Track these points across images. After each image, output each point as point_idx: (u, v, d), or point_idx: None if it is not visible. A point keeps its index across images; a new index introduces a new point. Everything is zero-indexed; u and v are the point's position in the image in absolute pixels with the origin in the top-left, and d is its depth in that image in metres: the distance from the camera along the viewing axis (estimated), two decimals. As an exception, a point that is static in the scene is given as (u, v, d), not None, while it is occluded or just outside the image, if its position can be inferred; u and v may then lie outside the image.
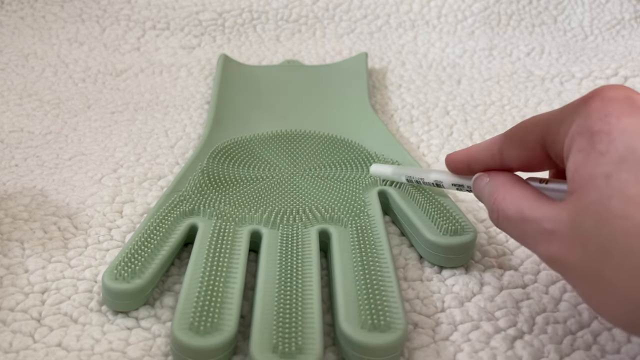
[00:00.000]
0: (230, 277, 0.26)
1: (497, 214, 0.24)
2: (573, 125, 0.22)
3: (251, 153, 0.38)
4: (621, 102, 0.21)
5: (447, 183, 0.29)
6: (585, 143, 0.21)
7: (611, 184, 0.19)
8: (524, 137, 0.24)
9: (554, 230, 0.21)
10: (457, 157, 0.28)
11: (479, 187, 0.26)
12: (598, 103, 0.21)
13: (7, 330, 0.25)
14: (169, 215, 0.30)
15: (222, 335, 0.23)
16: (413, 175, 0.31)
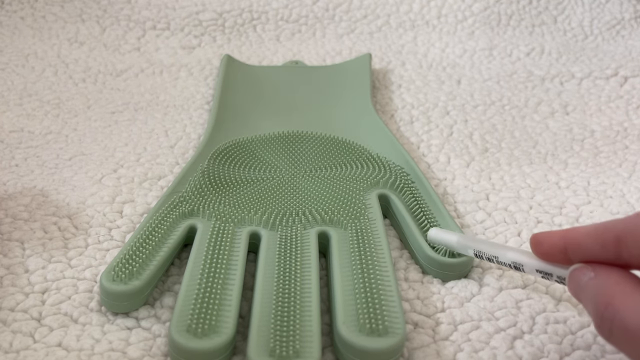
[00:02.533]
0: (229, 279, 0.26)
1: (610, 323, 0.19)
2: None
3: (252, 154, 0.38)
4: None
5: (530, 268, 0.24)
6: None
7: None
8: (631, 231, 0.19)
9: None
10: (549, 238, 0.23)
11: (579, 282, 0.21)
12: None
13: (7, 330, 0.25)
14: (168, 216, 0.30)
15: (219, 338, 0.23)
16: (484, 251, 0.26)
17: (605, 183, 0.38)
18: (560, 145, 0.43)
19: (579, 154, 0.42)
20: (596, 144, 0.43)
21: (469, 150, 0.42)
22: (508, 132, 0.44)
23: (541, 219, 0.34)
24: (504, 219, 0.34)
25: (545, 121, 0.46)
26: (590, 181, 0.38)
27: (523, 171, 0.39)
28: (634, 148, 0.42)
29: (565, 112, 0.48)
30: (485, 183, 0.38)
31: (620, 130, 0.45)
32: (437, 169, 0.39)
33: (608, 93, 0.51)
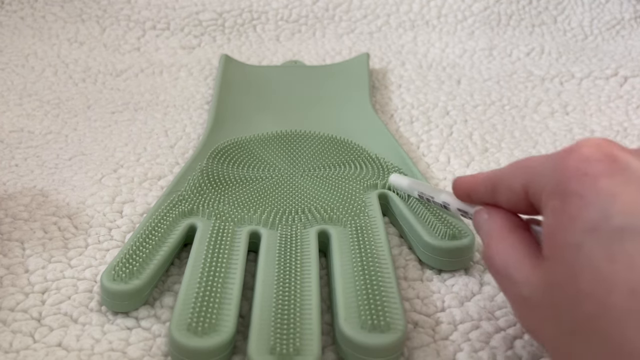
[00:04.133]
0: (229, 278, 0.26)
1: (486, 261, 0.22)
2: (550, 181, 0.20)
3: (251, 153, 0.38)
4: (600, 161, 0.18)
5: (454, 207, 0.27)
6: (558, 204, 0.19)
7: (581, 258, 0.17)
8: (511, 180, 0.22)
9: (529, 298, 0.19)
10: (460, 183, 0.26)
11: (478, 222, 0.24)
12: (575, 160, 0.19)
13: (7, 330, 0.25)
14: (167, 216, 0.30)
15: (219, 336, 0.23)
16: (425, 192, 0.30)
17: (605, 183, 0.38)
18: (560, 145, 0.43)
19: (579, 154, 0.42)
20: (596, 144, 0.43)
21: (468, 150, 0.42)
22: (508, 132, 0.44)
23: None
24: (504, 218, 0.34)
25: (545, 121, 0.46)
26: (590, 181, 0.38)
27: (523, 171, 0.39)
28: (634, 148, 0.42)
29: (565, 112, 0.48)
30: (485, 183, 0.38)
31: (620, 130, 0.45)
32: (437, 168, 0.39)
33: (608, 93, 0.51)
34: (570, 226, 0.18)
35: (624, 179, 0.18)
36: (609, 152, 0.19)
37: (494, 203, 0.24)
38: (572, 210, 0.18)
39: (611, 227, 0.17)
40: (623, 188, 0.17)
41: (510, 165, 0.23)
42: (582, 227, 0.17)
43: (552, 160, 0.20)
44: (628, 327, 0.16)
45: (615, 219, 0.17)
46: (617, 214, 0.17)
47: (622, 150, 0.19)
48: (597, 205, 0.17)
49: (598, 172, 0.18)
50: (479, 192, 0.25)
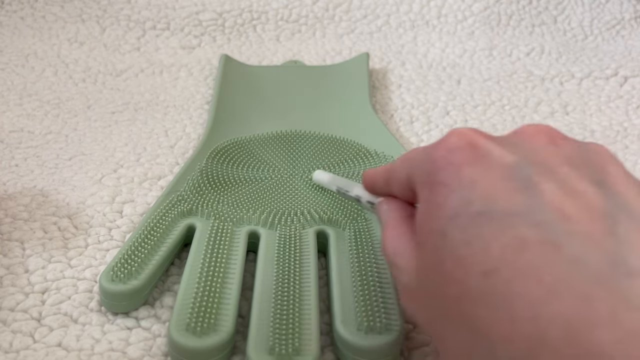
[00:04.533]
0: (228, 278, 0.26)
1: (382, 249, 0.23)
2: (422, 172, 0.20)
3: (250, 154, 0.38)
4: (463, 150, 0.19)
5: (364, 200, 0.27)
6: (427, 193, 0.20)
7: (445, 244, 0.18)
8: (399, 172, 0.23)
9: (408, 284, 0.20)
10: (366, 175, 0.26)
11: (379, 213, 0.25)
12: (442, 150, 0.20)
13: (7, 330, 0.25)
14: (166, 216, 0.30)
15: (218, 336, 0.23)
16: (342, 187, 0.30)
17: (605, 183, 0.38)
18: (560, 145, 0.43)
19: (579, 154, 0.42)
20: (596, 144, 0.43)
21: (468, 150, 0.42)
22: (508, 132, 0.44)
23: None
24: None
25: (545, 121, 0.46)
26: (590, 181, 0.38)
27: (523, 171, 0.39)
28: (634, 148, 0.42)
29: (565, 112, 0.48)
30: (485, 183, 0.38)
31: (620, 130, 0.45)
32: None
33: (608, 93, 0.51)
34: (437, 214, 0.18)
35: (485, 166, 0.18)
36: (471, 141, 0.19)
37: (390, 194, 0.24)
38: (439, 198, 0.19)
39: (471, 213, 0.17)
40: (483, 175, 0.18)
41: (400, 157, 0.24)
42: (446, 214, 0.18)
43: (425, 151, 0.21)
44: (482, 307, 0.16)
45: (474, 205, 0.17)
46: (477, 199, 0.17)
47: (486, 138, 0.20)
48: (459, 193, 0.18)
49: (461, 160, 0.19)
50: (379, 184, 0.25)
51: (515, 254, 0.16)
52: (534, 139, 0.20)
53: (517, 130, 0.21)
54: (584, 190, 0.17)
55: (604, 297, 0.14)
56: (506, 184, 0.18)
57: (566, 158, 0.19)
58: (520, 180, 0.18)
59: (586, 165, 0.18)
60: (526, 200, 0.17)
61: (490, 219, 0.17)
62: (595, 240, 0.16)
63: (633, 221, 0.16)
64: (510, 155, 0.19)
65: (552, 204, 0.17)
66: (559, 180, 0.17)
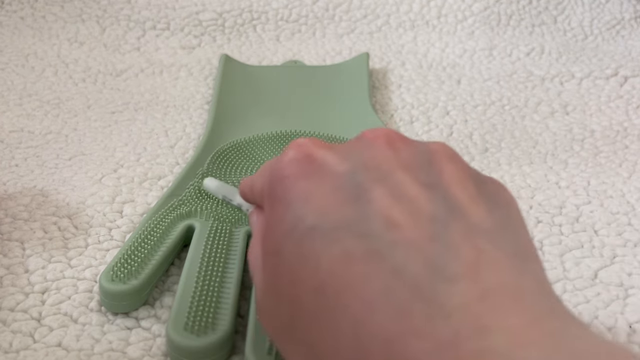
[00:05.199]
0: (227, 277, 0.26)
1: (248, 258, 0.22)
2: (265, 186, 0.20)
3: (252, 156, 0.37)
4: (299, 162, 0.19)
5: (244, 208, 0.27)
6: (269, 209, 0.19)
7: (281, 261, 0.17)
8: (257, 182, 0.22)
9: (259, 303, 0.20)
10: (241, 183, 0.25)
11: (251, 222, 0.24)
12: (281, 164, 0.19)
13: (7, 330, 0.25)
14: (166, 217, 0.30)
15: (216, 335, 0.23)
16: (227, 195, 0.29)
17: (605, 183, 0.38)
18: (560, 145, 0.43)
19: (579, 154, 0.42)
20: (596, 144, 0.43)
21: (469, 150, 0.42)
22: (508, 132, 0.44)
23: (541, 219, 0.34)
24: (504, 218, 0.34)
25: (545, 121, 0.46)
26: (590, 181, 0.38)
27: (523, 171, 0.39)
28: (634, 148, 0.42)
29: (565, 112, 0.48)
30: (485, 183, 0.38)
31: (620, 130, 0.45)
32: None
33: (608, 93, 0.51)
34: (274, 231, 0.18)
35: (319, 178, 0.18)
36: (308, 152, 0.19)
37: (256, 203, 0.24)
38: (276, 214, 0.18)
39: (304, 228, 0.17)
40: (317, 187, 0.18)
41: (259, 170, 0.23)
42: (282, 231, 0.18)
43: (269, 165, 0.20)
44: (314, 324, 0.16)
45: (307, 220, 0.17)
46: (309, 213, 0.17)
47: (324, 148, 0.19)
48: (294, 208, 0.18)
49: (297, 173, 0.18)
50: (248, 193, 0.25)
51: (341, 267, 0.16)
52: (373, 144, 0.19)
53: (358, 135, 0.20)
54: (415, 194, 0.17)
55: (420, 307, 0.14)
56: (337, 194, 0.17)
57: (402, 161, 0.18)
58: (351, 189, 0.17)
59: (422, 167, 0.18)
60: (355, 210, 0.17)
61: (320, 233, 0.16)
62: (418, 248, 0.15)
63: (460, 223, 0.16)
64: (344, 163, 0.18)
65: (380, 212, 0.16)
66: (391, 185, 0.17)
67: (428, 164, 0.18)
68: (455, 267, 0.15)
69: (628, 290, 0.29)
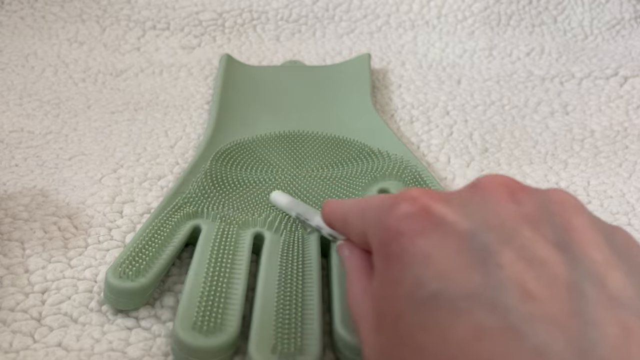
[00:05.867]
0: (234, 278, 0.26)
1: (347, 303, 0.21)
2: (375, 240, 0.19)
3: (254, 155, 0.37)
4: (415, 218, 0.18)
5: (325, 232, 0.26)
6: (382, 266, 0.18)
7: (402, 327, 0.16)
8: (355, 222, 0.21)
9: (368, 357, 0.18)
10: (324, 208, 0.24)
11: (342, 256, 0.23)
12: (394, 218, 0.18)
13: (7, 330, 0.25)
14: (172, 217, 0.31)
15: (225, 335, 0.23)
16: (302, 214, 0.29)
17: (605, 183, 0.38)
18: (560, 145, 0.43)
19: (579, 154, 0.42)
20: (596, 144, 0.43)
21: (469, 150, 0.42)
22: (508, 132, 0.44)
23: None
24: (504, 219, 0.34)
25: (545, 121, 0.46)
26: (590, 181, 0.38)
27: (523, 171, 0.39)
28: (634, 148, 0.42)
29: (565, 112, 0.48)
30: (485, 183, 0.38)
31: (620, 130, 0.45)
32: (437, 168, 0.39)
33: (608, 93, 0.51)
34: (392, 293, 0.17)
35: (439, 237, 0.17)
36: (424, 206, 0.18)
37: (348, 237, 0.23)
38: (393, 274, 0.17)
39: (425, 294, 0.16)
40: (437, 247, 0.17)
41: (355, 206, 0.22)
42: (401, 295, 0.17)
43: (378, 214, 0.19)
44: None
45: (428, 285, 0.16)
46: (430, 278, 0.16)
47: (440, 200, 0.18)
48: (412, 269, 0.17)
49: (413, 230, 0.17)
50: (337, 224, 0.23)
51: (474, 344, 0.14)
52: (493, 196, 0.18)
53: (475, 183, 0.19)
54: (547, 257, 0.16)
55: None
56: (461, 258, 0.16)
57: (527, 217, 0.17)
58: (476, 251, 0.16)
59: (548, 222, 0.17)
60: (484, 277, 0.15)
61: (445, 302, 0.15)
62: (559, 324, 0.14)
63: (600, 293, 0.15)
64: (465, 221, 0.17)
65: (512, 280, 0.15)
66: (519, 247, 0.16)
67: (553, 217, 0.17)
68: (603, 349, 0.14)
69: (628, 290, 0.29)
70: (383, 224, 0.18)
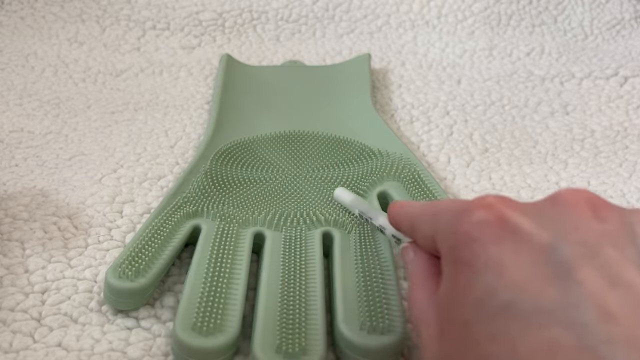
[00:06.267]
0: (234, 278, 0.26)
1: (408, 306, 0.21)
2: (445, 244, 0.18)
3: (254, 154, 0.37)
4: (490, 225, 0.17)
5: (389, 233, 0.26)
6: (451, 272, 0.18)
7: (469, 335, 0.16)
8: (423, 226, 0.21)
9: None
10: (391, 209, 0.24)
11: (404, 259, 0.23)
12: (467, 224, 0.17)
13: (7, 330, 0.25)
14: (172, 216, 0.30)
15: (225, 336, 0.23)
16: (365, 212, 0.29)
17: (605, 183, 0.38)
18: (560, 145, 0.43)
19: (579, 154, 0.42)
20: (596, 144, 0.43)
21: (469, 150, 0.42)
22: (508, 132, 0.44)
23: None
24: (504, 218, 0.34)
25: (545, 121, 0.46)
26: (590, 181, 0.38)
27: (523, 171, 0.39)
28: (634, 148, 0.42)
29: (565, 112, 0.48)
30: (485, 183, 0.38)
31: (620, 130, 0.45)
32: (437, 168, 0.39)
33: (608, 93, 0.51)
34: (460, 299, 0.17)
35: (515, 246, 0.16)
36: (500, 215, 0.17)
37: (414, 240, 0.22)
38: (462, 280, 0.17)
39: (497, 303, 0.15)
40: (512, 257, 0.16)
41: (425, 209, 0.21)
42: (470, 302, 0.16)
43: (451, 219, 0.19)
44: None
45: (501, 295, 0.15)
46: (503, 288, 0.16)
47: (517, 210, 0.17)
48: (484, 277, 0.16)
49: (487, 238, 0.17)
50: (403, 225, 0.23)
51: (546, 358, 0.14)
52: (574, 211, 0.17)
53: (555, 195, 0.18)
54: (630, 279, 0.15)
55: None
56: (538, 270, 0.16)
57: (610, 236, 0.16)
58: (555, 265, 0.15)
59: (632, 242, 0.16)
60: (561, 292, 0.15)
61: (518, 314, 0.15)
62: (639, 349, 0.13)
63: None
64: (544, 232, 0.16)
65: (593, 298, 0.14)
66: (601, 265, 0.15)
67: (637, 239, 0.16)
68: None
69: (628, 290, 0.29)
70: (455, 229, 0.18)
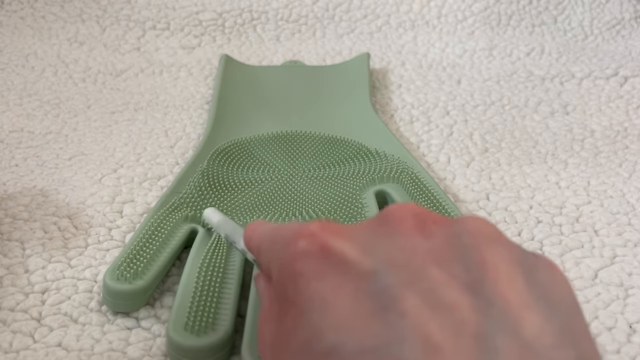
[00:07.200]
0: (227, 278, 0.26)
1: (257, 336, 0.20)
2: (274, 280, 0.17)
3: (252, 155, 0.37)
4: (313, 257, 0.16)
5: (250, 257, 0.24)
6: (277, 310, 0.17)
7: None
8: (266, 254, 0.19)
9: None
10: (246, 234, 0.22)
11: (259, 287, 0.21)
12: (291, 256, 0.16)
13: (7, 330, 0.25)
14: (169, 218, 0.30)
15: (216, 335, 0.23)
16: (229, 235, 0.26)
17: (605, 183, 0.38)
18: (560, 145, 0.43)
19: (579, 154, 0.42)
20: (596, 144, 0.43)
21: (469, 150, 0.42)
22: (508, 132, 0.44)
23: (541, 219, 0.34)
24: (504, 218, 0.34)
25: (545, 121, 0.46)
26: (590, 181, 0.38)
27: (523, 171, 0.39)
28: (634, 148, 0.42)
29: (565, 112, 0.48)
30: (485, 183, 0.38)
31: (620, 130, 0.45)
32: (437, 168, 0.39)
33: (608, 93, 0.51)
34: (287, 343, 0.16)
35: (337, 279, 0.15)
36: (322, 243, 0.16)
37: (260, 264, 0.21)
38: (288, 321, 0.16)
39: (323, 347, 0.14)
40: (335, 292, 0.15)
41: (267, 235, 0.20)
42: (297, 346, 0.15)
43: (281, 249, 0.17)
44: None
45: (326, 337, 0.14)
46: (328, 329, 0.14)
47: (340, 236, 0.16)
48: (308, 317, 0.15)
49: (310, 272, 0.16)
50: (253, 250, 0.21)
51: None
52: (400, 228, 0.16)
53: (383, 213, 0.17)
54: (452, 301, 0.14)
55: None
56: (362, 304, 0.14)
57: (435, 253, 0.15)
58: (378, 296, 0.14)
59: (460, 258, 0.15)
60: (385, 327, 0.14)
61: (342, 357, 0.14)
62: None
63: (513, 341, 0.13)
64: (368, 259, 0.15)
65: (416, 329, 0.14)
66: (425, 289, 0.14)
67: (466, 251, 0.15)
68: None
69: (628, 290, 0.29)
70: (281, 263, 0.17)
